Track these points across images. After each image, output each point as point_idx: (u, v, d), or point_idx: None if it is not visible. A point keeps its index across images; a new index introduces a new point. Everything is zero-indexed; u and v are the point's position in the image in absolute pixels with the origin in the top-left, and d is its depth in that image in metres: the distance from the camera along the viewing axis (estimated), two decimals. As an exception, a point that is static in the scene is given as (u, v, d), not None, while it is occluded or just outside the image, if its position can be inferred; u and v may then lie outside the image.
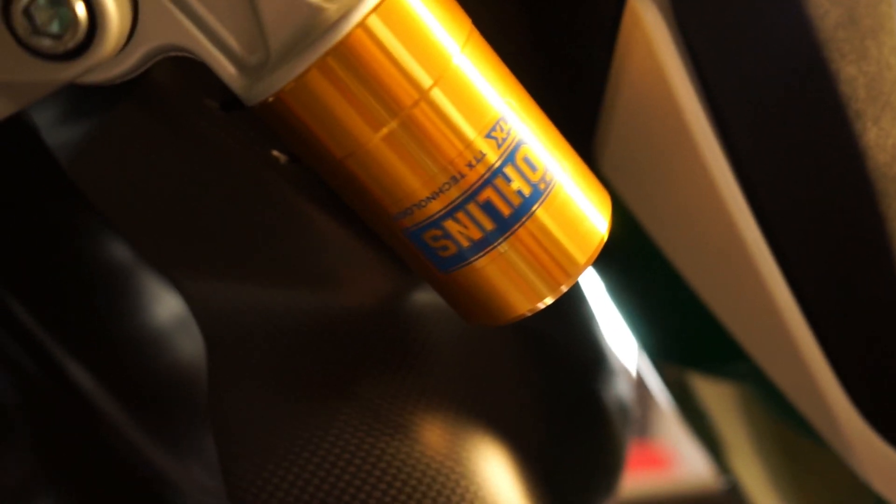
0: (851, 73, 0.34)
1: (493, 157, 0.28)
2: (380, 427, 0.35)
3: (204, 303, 0.37)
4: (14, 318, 0.44)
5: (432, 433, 0.36)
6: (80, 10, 0.23)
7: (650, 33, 0.35)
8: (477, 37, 0.29)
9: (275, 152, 0.35)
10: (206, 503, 0.37)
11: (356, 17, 0.26)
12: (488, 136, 0.28)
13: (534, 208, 0.29)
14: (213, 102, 0.34)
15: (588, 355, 0.46)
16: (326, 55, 0.26)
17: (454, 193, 0.28)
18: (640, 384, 0.62)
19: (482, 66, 0.28)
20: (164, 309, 0.51)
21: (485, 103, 0.28)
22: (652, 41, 0.35)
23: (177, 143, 0.36)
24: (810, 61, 0.34)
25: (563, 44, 0.39)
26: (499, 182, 0.28)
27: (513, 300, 0.30)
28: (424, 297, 0.39)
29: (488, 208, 0.28)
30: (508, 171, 0.28)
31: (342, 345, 0.37)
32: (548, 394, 0.42)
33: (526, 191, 0.28)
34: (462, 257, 0.29)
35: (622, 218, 0.37)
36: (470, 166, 0.28)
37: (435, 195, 0.28)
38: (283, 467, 0.34)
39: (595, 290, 0.49)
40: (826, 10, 0.34)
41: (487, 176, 0.28)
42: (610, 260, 0.40)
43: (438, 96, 0.27)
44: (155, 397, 0.49)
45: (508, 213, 0.28)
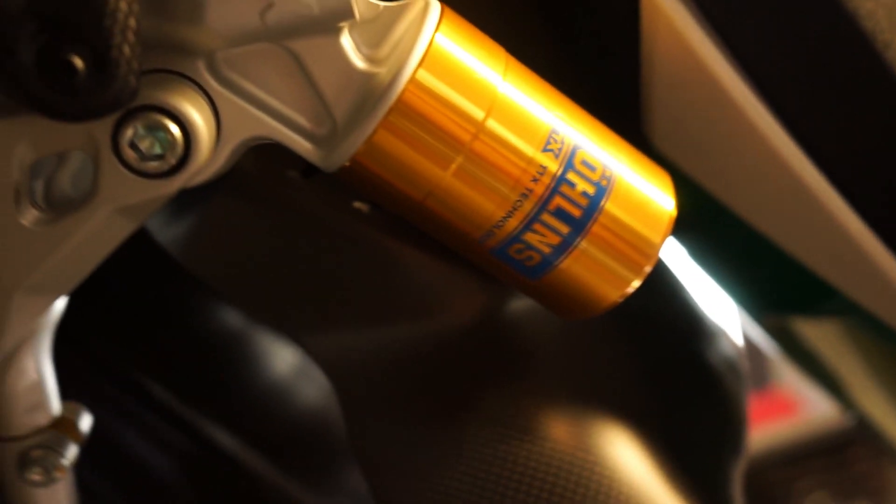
0: (870, 8, 0.35)
1: (553, 167, 0.30)
2: (508, 433, 0.38)
3: (323, 350, 0.40)
4: (155, 399, 0.49)
5: (556, 429, 0.39)
6: (176, 131, 0.27)
7: (669, 11, 0.37)
8: (514, 62, 0.31)
9: (356, 204, 0.38)
10: None
11: (406, 75, 0.29)
12: (545, 150, 0.30)
13: (601, 204, 0.31)
14: (295, 173, 0.38)
15: (685, 323, 0.47)
16: (388, 115, 0.29)
17: (527, 208, 0.30)
18: (746, 339, 0.63)
19: (525, 88, 0.31)
20: (282, 362, 0.56)
21: (535, 120, 0.30)
22: (672, 18, 0.37)
23: (268, 216, 0.39)
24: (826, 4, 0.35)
25: (590, 44, 0.41)
26: (564, 188, 0.30)
27: (602, 291, 0.32)
28: (518, 305, 0.41)
29: (560, 214, 0.31)
30: (570, 176, 0.31)
31: (454, 364, 0.40)
32: (654, 368, 0.44)
33: (590, 190, 0.31)
34: (547, 263, 0.31)
35: (687, 188, 0.38)
36: (535, 180, 0.30)
37: (510, 213, 0.30)
38: (429, 487, 0.37)
39: (679, 258, 0.50)
40: None
41: (553, 185, 0.30)
42: (686, 229, 0.42)
43: (493, 125, 0.30)
44: (292, 443, 0.53)
45: (579, 214, 0.31)
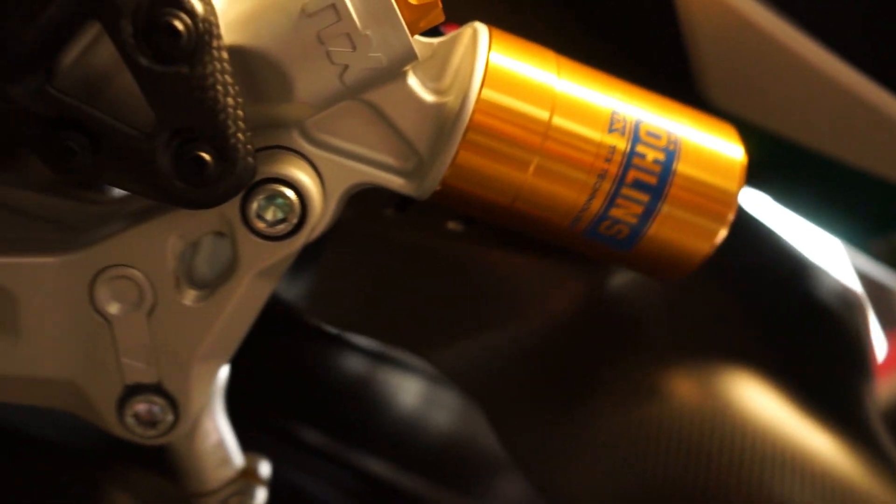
0: None
1: (622, 145, 0.33)
2: (637, 399, 0.41)
3: (451, 364, 0.44)
4: (309, 443, 0.53)
5: (681, 386, 0.41)
6: (291, 195, 0.31)
7: None
8: (564, 60, 0.34)
9: (451, 224, 0.42)
10: None
11: (472, 98, 0.32)
12: (611, 131, 0.33)
13: (673, 167, 0.34)
14: (390, 211, 0.41)
15: (783, 266, 0.49)
16: (464, 136, 0.32)
17: (606, 187, 0.33)
18: (868, 280, 0.62)
19: (580, 80, 0.34)
20: (411, 394, 0.60)
21: (596, 107, 0.33)
22: None
23: (375, 255, 0.43)
24: None
25: (627, 21, 0.43)
26: (636, 161, 0.33)
27: (693, 245, 0.35)
28: (618, 280, 0.44)
29: (638, 185, 0.33)
30: (639, 149, 0.33)
31: (570, 349, 0.43)
32: (761, 312, 0.45)
33: (661, 157, 0.34)
34: (636, 232, 0.34)
35: (756, 136, 0.41)
36: (608, 161, 0.33)
37: (592, 195, 0.33)
38: (576, 463, 0.40)
39: (768, 207, 0.52)
40: None
41: (625, 161, 0.33)
42: (766, 177, 0.44)
43: (559, 122, 0.33)
44: (441, 460, 0.57)
45: (655, 181, 0.34)
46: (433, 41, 0.34)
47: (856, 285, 0.51)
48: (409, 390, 0.62)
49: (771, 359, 0.42)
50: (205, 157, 0.27)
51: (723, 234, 0.35)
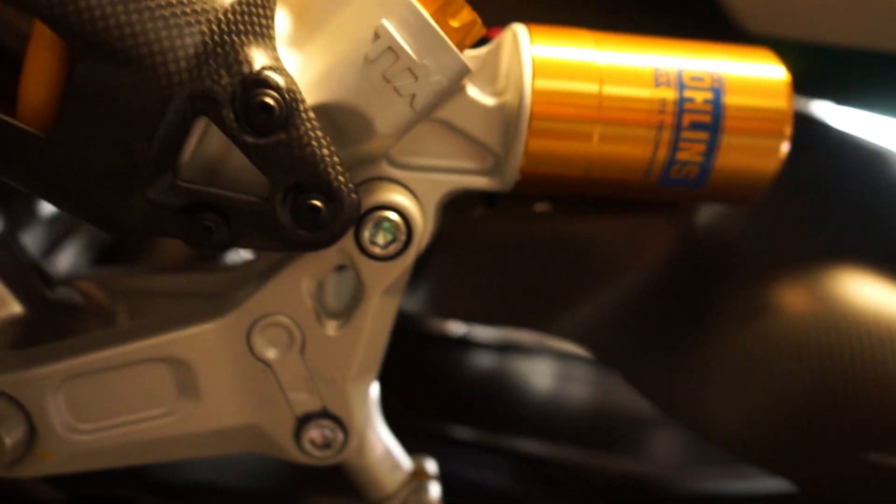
0: None
1: (671, 95, 0.36)
2: (750, 316, 0.42)
3: (572, 330, 0.47)
4: (460, 439, 0.59)
5: (788, 297, 0.43)
6: (395, 217, 0.35)
7: None
8: (598, 34, 0.38)
9: (539, 207, 0.45)
10: None
11: (528, 91, 0.35)
12: (658, 86, 0.36)
13: (723, 101, 0.37)
14: (479, 209, 0.45)
15: (861, 159, 0.50)
16: (529, 126, 0.36)
17: (667, 136, 0.36)
18: None
19: (618, 48, 0.37)
20: (542, 374, 0.64)
21: (638, 69, 0.37)
22: None
23: (477, 251, 0.47)
24: None
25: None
26: (687, 105, 0.36)
27: (760, 166, 0.38)
28: (701, 217, 0.46)
29: (695, 126, 0.36)
30: (687, 94, 0.36)
31: (675, 288, 0.45)
32: (851, 210, 0.47)
33: (709, 96, 0.36)
34: (705, 168, 0.37)
35: (798, 50, 0.42)
36: (662, 112, 0.36)
37: (656, 147, 0.36)
38: (717, 387, 0.42)
39: (831, 110, 0.53)
40: None
41: (677, 109, 0.36)
42: (819, 83, 0.46)
43: (610, 90, 0.36)
44: (581, 428, 0.61)
45: (709, 119, 0.36)
46: (481, 51, 0.37)
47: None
48: (540, 372, 0.66)
49: (866, 250, 0.44)
50: (317, 204, 0.31)
51: (785, 148, 0.38)
